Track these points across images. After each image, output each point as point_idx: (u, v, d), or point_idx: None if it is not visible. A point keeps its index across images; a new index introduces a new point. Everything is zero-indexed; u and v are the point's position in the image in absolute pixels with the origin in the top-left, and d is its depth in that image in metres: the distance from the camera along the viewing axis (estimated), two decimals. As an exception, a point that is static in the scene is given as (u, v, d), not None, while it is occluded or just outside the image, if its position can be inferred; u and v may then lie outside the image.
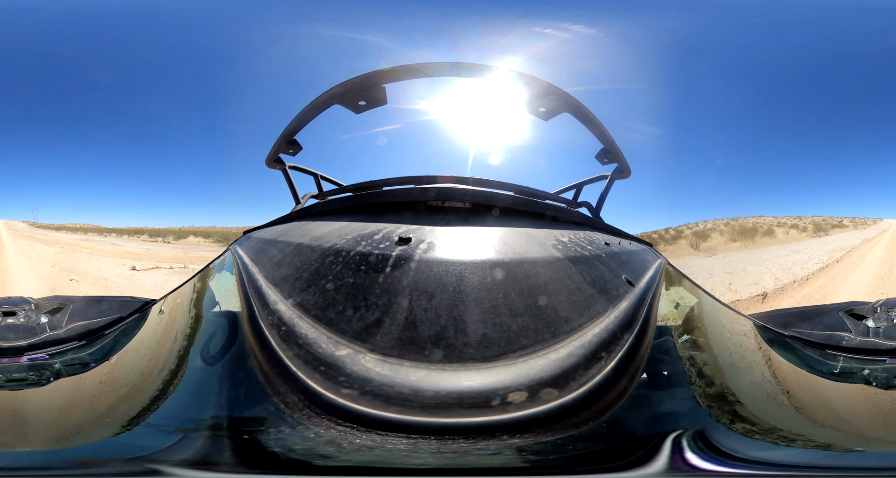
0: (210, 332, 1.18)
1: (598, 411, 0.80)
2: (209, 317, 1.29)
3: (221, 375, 0.97)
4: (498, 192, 1.26)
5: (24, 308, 1.85)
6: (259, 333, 0.91)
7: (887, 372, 1.44)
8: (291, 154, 2.04)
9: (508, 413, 0.75)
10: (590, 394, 0.80)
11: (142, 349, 1.37)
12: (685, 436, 0.82)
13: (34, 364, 1.49)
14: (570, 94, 1.57)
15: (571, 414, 0.77)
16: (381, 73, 1.59)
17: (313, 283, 0.96)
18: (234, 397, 0.88)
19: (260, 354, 0.89)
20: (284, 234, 1.31)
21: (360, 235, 1.05)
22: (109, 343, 1.49)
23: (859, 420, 1.17)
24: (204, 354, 1.07)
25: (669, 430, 0.84)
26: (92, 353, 1.48)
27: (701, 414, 0.93)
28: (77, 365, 1.45)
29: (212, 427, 0.86)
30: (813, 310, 1.96)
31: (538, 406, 0.76)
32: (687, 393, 0.97)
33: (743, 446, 0.83)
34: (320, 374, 0.79)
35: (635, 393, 0.86)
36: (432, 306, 0.83)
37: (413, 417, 0.74)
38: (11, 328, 1.79)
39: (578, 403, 0.78)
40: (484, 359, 0.78)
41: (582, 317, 0.89)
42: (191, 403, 0.94)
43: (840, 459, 0.88)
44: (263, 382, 0.85)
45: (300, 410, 0.78)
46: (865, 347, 1.61)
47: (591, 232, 1.40)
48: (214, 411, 0.88)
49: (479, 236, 1.06)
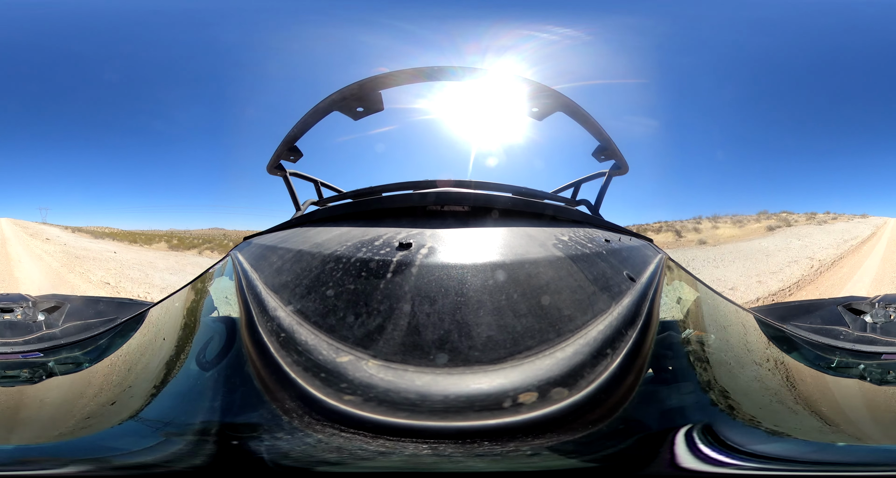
0: (207, 337, 1.16)
1: (610, 408, 0.80)
2: (207, 322, 1.28)
3: (216, 380, 0.96)
4: (496, 194, 1.26)
5: (22, 305, 1.83)
6: (257, 339, 0.91)
7: (881, 368, 1.45)
8: (292, 161, 2.04)
9: (523, 414, 0.74)
10: (600, 391, 0.79)
11: (136, 352, 1.35)
12: (695, 430, 0.82)
13: (28, 361, 1.49)
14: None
15: (585, 412, 0.77)
16: (377, 79, 1.60)
17: (314, 289, 0.95)
18: (228, 402, 0.87)
19: (258, 361, 0.87)
20: (285, 240, 1.31)
21: (360, 241, 1.04)
22: (104, 344, 1.48)
23: (859, 415, 1.17)
24: (200, 359, 1.05)
25: (680, 424, 0.84)
26: (86, 353, 1.48)
27: (708, 408, 0.93)
28: (70, 364, 1.45)
29: (199, 432, 0.84)
30: (812, 304, 1.97)
31: (551, 406, 0.75)
32: (692, 387, 0.97)
33: (749, 440, 0.83)
34: (321, 381, 0.78)
35: (643, 389, 0.86)
36: (435, 311, 0.82)
37: (425, 421, 0.73)
38: (8, 325, 1.78)
39: (590, 401, 0.78)
40: (490, 361, 0.77)
41: (585, 315, 0.89)
42: (181, 407, 0.92)
43: (845, 453, 0.88)
44: (260, 388, 0.83)
45: (299, 416, 0.76)
46: (861, 343, 1.62)
47: (591, 229, 1.40)
48: (205, 415, 0.87)
49: (479, 239, 1.06)
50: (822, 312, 1.87)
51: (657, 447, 0.81)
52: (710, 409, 0.93)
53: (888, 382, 1.36)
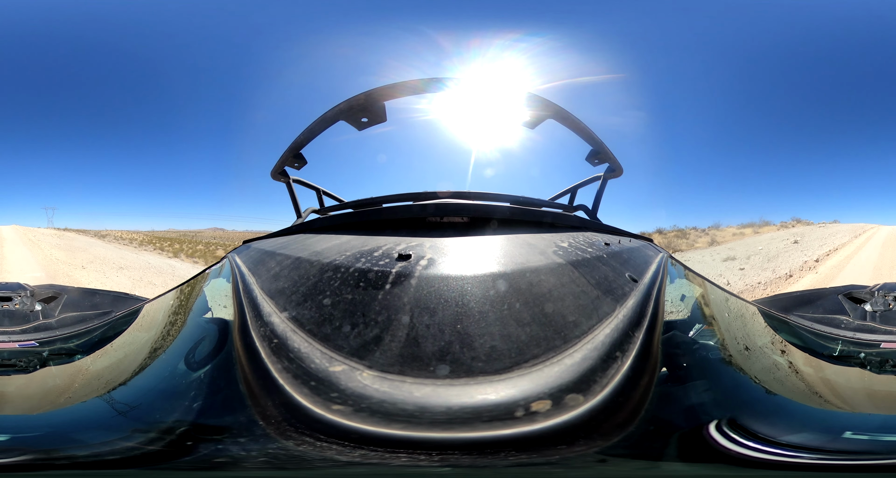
0: (198, 337, 1.15)
1: (632, 410, 0.78)
2: (199, 322, 1.27)
3: (202, 380, 0.94)
4: (495, 204, 1.27)
5: (20, 294, 1.83)
6: (249, 343, 0.89)
7: (881, 356, 1.46)
8: (297, 168, 2.05)
9: (539, 423, 0.72)
10: (616, 395, 0.78)
11: (126, 347, 1.35)
12: (723, 424, 0.81)
13: (24, 350, 1.50)
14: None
15: (608, 416, 0.75)
16: (382, 90, 1.62)
17: (310, 297, 0.94)
18: (209, 403, 0.85)
19: (247, 365, 0.86)
20: (284, 246, 1.31)
21: (359, 251, 1.04)
22: (97, 337, 1.48)
23: (863, 404, 1.18)
24: (189, 358, 1.04)
25: (706, 421, 0.83)
26: (80, 344, 1.48)
27: (727, 402, 0.92)
28: (63, 355, 1.46)
29: (164, 431, 0.82)
30: (814, 294, 1.98)
31: (569, 412, 0.74)
32: (707, 383, 0.96)
33: (772, 430, 0.83)
34: (310, 389, 0.75)
35: (660, 389, 0.85)
36: (435, 322, 0.81)
37: (426, 432, 0.71)
38: (6, 314, 1.77)
39: (609, 405, 0.76)
40: (495, 371, 0.76)
41: (591, 319, 0.89)
42: (160, 404, 0.91)
43: (856, 443, 0.88)
44: (244, 392, 0.82)
45: (276, 422, 0.74)
46: (861, 332, 1.64)
47: (590, 234, 1.41)
48: (180, 415, 0.85)
49: (479, 250, 1.06)
50: (824, 302, 1.89)
51: (698, 443, 0.80)
52: (730, 403, 0.92)
53: (887, 371, 1.36)
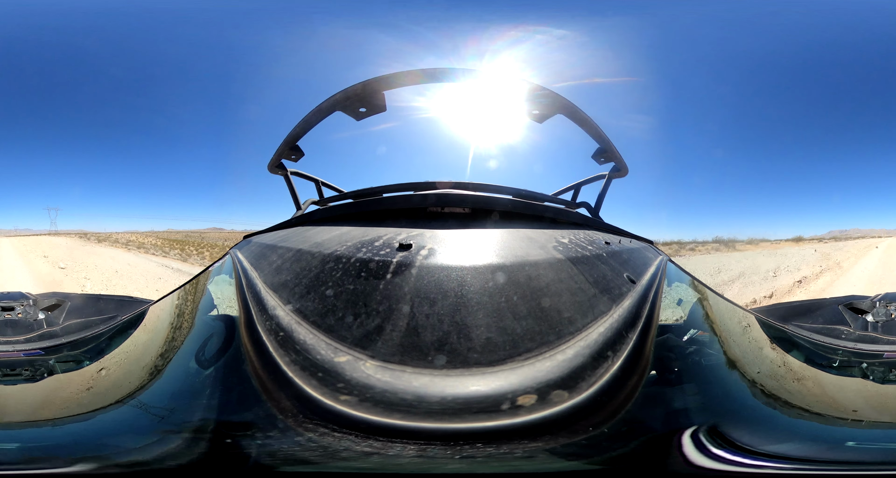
0: (206, 335, 1.17)
1: (612, 410, 0.79)
2: (206, 320, 1.28)
3: (214, 379, 0.96)
4: (496, 196, 1.26)
5: (23, 303, 1.85)
6: (256, 338, 0.91)
7: (884, 367, 1.45)
8: (294, 160, 2.04)
9: (521, 417, 0.73)
10: (601, 394, 0.79)
11: (135, 350, 1.36)
12: (701, 431, 0.81)
13: (30, 360, 1.51)
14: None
15: (587, 415, 0.76)
16: (381, 80, 1.60)
17: (313, 289, 0.95)
18: (225, 401, 0.87)
19: (256, 360, 0.87)
20: (285, 239, 1.31)
21: (360, 241, 1.04)
22: (104, 342, 1.49)
23: (863, 413, 1.17)
24: (198, 357, 1.06)
25: (685, 426, 0.83)
26: (86, 351, 1.49)
27: (713, 409, 0.93)
28: (71, 362, 1.46)
29: (195, 430, 0.84)
30: (813, 304, 1.97)
31: (550, 408, 0.75)
32: (696, 388, 0.97)
33: (756, 440, 0.83)
34: (318, 380, 0.77)
35: (646, 391, 0.85)
36: (434, 312, 0.82)
37: (420, 423, 0.72)
38: (10, 323, 1.79)
39: (591, 403, 0.77)
40: (489, 363, 0.77)
41: (586, 317, 0.89)
42: (179, 405, 0.93)
43: (852, 452, 0.88)
44: (258, 387, 0.83)
45: (293, 415, 0.76)
46: (863, 342, 1.63)
47: (591, 232, 1.40)
48: (202, 414, 0.87)
49: (479, 241, 1.06)
50: (824, 312, 1.87)
51: (663, 449, 0.80)
52: (716, 409, 0.93)
53: (890, 381, 1.36)
